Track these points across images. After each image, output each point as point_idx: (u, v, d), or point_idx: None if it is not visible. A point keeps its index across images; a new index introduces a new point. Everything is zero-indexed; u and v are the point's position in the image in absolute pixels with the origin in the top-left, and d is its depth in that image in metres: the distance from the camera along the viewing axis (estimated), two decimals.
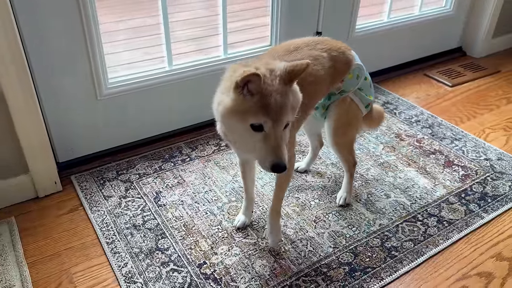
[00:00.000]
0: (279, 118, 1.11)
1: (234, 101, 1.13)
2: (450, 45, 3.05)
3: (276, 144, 1.13)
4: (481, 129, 2.26)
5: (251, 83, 1.10)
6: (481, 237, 1.62)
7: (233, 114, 1.14)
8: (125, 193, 1.76)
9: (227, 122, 1.19)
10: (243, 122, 1.13)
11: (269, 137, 1.13)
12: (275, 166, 1.14)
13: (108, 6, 3.66)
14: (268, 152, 1.14)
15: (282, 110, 1.12)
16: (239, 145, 1.30)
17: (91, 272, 1.45)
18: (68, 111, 1.79)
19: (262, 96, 1.11)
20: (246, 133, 1.15)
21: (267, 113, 1.10)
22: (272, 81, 1.13)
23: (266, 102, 1.10)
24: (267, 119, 1.11)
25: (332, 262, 1.49)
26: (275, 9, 2.14)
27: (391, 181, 1.86)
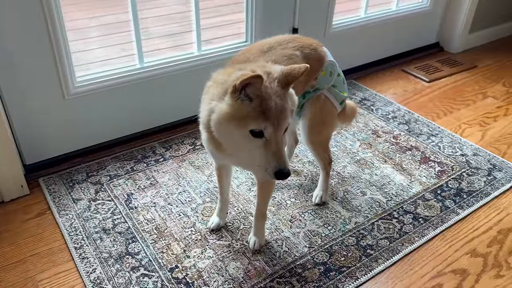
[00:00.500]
0: (280, 122, 1.08)
1: (232, 107, 1.08)
2: (428, 40, 3.06)
3: (277, 150, 1.09)
4: (458, 125, 2.26)
5: (250, 87, 1.05)
6: (456, 234, 1.61)
7: (230, 121, 1.08)
8: (95, 196, 1.71)
9: (224, 130, 1.12)
10: (242, 129, 1.08)
11: (270, 143, 1.09)
12: (278, 173, 1.10)
13: (79, 3, 3.57)
14: (270, 159, 1.10)
15: (282, 115, 1.09)
16: (235, 154, 1.21)
17: (58, 279, 1.40)
18: (34, 112, 1.72)
19: (262, 100, 1.07)
20: (244, 140, 1.10)
21: (267, 118, 1.07)
22: (270, 84, 1.09)
23: (266, 106, 1.06)
24: (268, 124, 1.07)
25: (307, 262, 1.47)
26: (249, 4, 2.10)
27: (367, 178, 1.85)
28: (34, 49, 1.61)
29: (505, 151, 2.06)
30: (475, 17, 2.98)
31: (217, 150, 1.24)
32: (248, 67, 1.16)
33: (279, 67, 1.15)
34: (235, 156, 1.23)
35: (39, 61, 1.64)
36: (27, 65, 1.62)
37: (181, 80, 2.02)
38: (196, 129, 2.04)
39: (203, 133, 1.25)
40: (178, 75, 2.00)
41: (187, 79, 2.02)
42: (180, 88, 2.03)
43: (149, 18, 3.24)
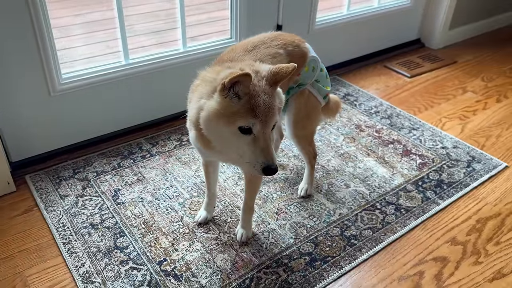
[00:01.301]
0: (268, 119, 1.11)
1: (220, 104, 1.10)
2: (409, 37, 3.12)
3: (265, 146, 1.12)
4: (438, 119, 2.33)
5: (239, 85, 1.08)
6: (437, 223, 1.67)
7: (219, 118, 1.11)
8: (82, 192, 1.72)
9: (213, 127, 1.14)
10: (231, 126, 1.11)
11: (258, 140, 1.11)
12: (266, 169, 1.12)
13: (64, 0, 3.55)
14: (258, 155, 1.13)
15: (270, 112, 1.12)
16: (224, 151, 1.23)
17: (47, 274, 1.41)
18: (19, 109, 1.72)
19: (250, 98, 1.09)
20: (233, 137, 1.12)
21: (256, 115, 1.09)
22: (258, 83, 1.12)
23: (255, 103, 1.09)
24: (256, 121, 1.09)
25: (293, 253, 1.50)
26: (234, 2, 2.12)
27: (351, 171, 1.89)
28: (20, 46, 1.61)
29: (483, 144, 2.13)
30: (455, 14, 3.05)
31: (205, 147, 1.26)
32: (237, 66, 1.19)
33: (267, 66, 1.19)
34: (224, 153, 1.25)
35: (25, 59, 1.64)
36: (12, 62, 1.62)
37: (167, 77, 2.03)
38: (182, 125, 2.06)
39: (191, 130, 1.27)
40: (164, 72, 2.02)
41: (173, 75, 2.04)
42: (165, 85, 2.05)
43: (134, 16, 3.25)
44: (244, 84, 1.08)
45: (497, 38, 3.34)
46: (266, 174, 1.14)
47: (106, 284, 1.37)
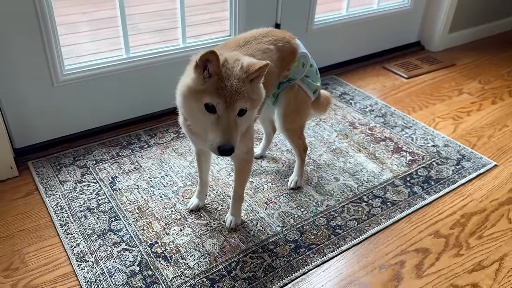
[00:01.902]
0: (232, 101, 1.15)
1: (193, 81, 1.19)
2: (409, 39, 3.17)
3: (226, 127, 1.16)
4: (432, 118, 2.37)
5: (210, 64, 1.15)
6: (422, 217, 1.71)
7: (190, 93, 1.19)
8: (81, 178, 1.80)
9: (186, 103, 1.22)
10: (198, 102, 1.18)
11: (221, 120, 1.17)
12: (221, 148, 1.17)
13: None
14: (217, 134, 1.17)
15: (237, 95, 1.16)
16: (195, 129, 1.31)
17: (43, 252, 1.49)
18: (24, 98, 1.80)
19: (219, 78, 1.16)
20: (200, 113, 1.19)
21: (221, 95, 1.15)
22: (233, 68, 1.18)
23: (222, 84, 1.15)
24: (220, 100, 1.15)
25: (279, 240, 1.56)
26: (233, 2, 2.19)
27: (341, 166, 1.95)
28: (25, 37, 1.70)
29: (475, 143, 2.17)
30: (455, 17, 3.10)
31: (189, 131, 1.34)
32: (225, 54, 1.25)
33: (250, 59, 1.25)
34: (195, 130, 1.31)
35: (30, 49, 1.73)
36: (18, 53, 1.71)
37: (167, 71, 2.11)
38: None
39: (180, 114, 1.35)
40: (164, 66, 2.09)
41: (172, 70, 2.09)
42: (165, 79, 2.12)
43: (138, 14, 3.34)
44: (213, 63, 1.14)
45: (497, 42, 3.37)
46: (221, 153, 1.17)
47: (98, 263, 1.44)
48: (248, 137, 1.40)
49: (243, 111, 1.20)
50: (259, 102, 1.26)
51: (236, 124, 1.19)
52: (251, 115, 1.26)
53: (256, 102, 1.24)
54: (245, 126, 1.27)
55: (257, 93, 1.24)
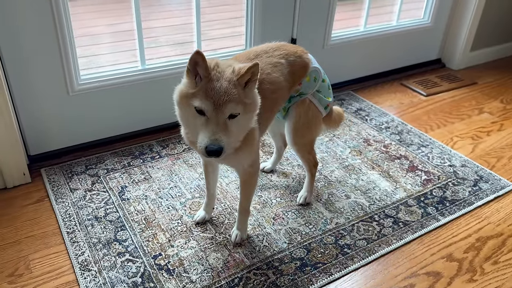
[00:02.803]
0: (221, 102, 1.15)
1: (185, 86, 1.20)
2: (429, 56, 3.12)
3: (214, 128, 1.15)
4: (450, 137, 2.31)
5: (199, 67, 1.16)
6: (435, 239, 1.65)
7: (182, 98, 1.20)
8: (91, 187, 1.81)
9: (179, 108, 1.24)
10: (189, 106, 1.19)
11: (210, 121, 1.16)
12: (208, 148, 1.15)
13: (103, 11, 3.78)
14: (205, 135, 1.16)
15: (226, 97, 1.15)
16: (191, 136, 1.31)
17: (49, 259, 1.49)
18: (40, 106, 1.84)
19: (209, 80, 1.17)
20: (192, 117, 1.20)
21: (209, 96, 1.15)
22: (223, 71, 1.18)
23: (211, 86, 1.16)
24: (209, 102, 1.15)
25: (284, 257, 1.53)
26: (249, 18, 2.20)
27: (353, 183, 1.91)
28: (44, 47, 1.74)
29: (494, 164, 2.10)
30: (477, 35, 3.03)
31: (190, 142, 1.35)
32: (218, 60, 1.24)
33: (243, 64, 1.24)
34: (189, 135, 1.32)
35: (47, 58, 1.77)
36: (36, 62, 1.75)
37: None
38: None
39: (181, 125, 1.35)
40: (178, 78, 2.06)
41: None
42: None
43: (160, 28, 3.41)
44: (201, 65, 1.15)
45: None
46: (209, 154, 1.15)
47: (101, 272, 1.44)
48: (252, 150, 1.39)
49: (234, 114, 1.18)
50: (254, 108, 1.24)
51: (227, 126, 1.17)
52: (245, 121, 1.23)
53: (250, 107, 1.22)
54: (239, 131, 1.24)
55: (251, 98, 1.22)
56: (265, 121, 1.49)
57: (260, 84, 1.41)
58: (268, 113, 1.49)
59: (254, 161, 1.43)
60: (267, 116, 1.49)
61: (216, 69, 1.19)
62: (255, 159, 1.44)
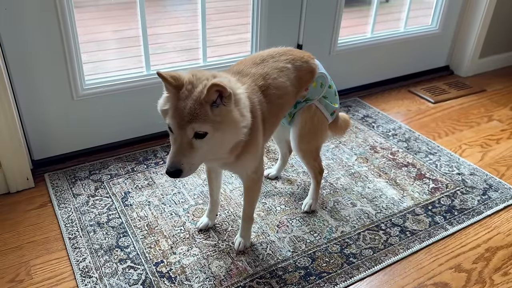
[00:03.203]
0: (184, 123, 1.12)
1: (162, 100, 1.20)
2: (437, 63, 3.08)
3: (176, 149, 1.14)
4: (458, 145, 2.27)
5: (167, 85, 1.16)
6: (443, 249, 1.61)
7: (161, 111, 1.20)
8: (94, 192, 1.79)
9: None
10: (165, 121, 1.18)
11: (176, 141, 1.15)
12: (167, 171, 1.15)
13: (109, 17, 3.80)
14: (168, 156, 1.16)
15: (189, 116, 1.11)
16: None
17: (50, 265, 1.48)
18: (44, 110, 1.84)
19: (175, 99, 1.15)
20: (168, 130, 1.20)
21: (174, 116, 1.13)
22: (194, 88, 1.14)
23: (177, 105, 1.13)
24: (173, 121, 1.13)
25: (288, 266, 1.50)
26: (255, 23, 2.19)
27: (359, 191, 1.88)
28: (49, 52, 1.74)
29: (503, 173, 2.05)
30: (486, 42, 3.00)
31: None
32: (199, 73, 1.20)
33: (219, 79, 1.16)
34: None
35: (52, 63, 1.77)
36: (41, 66, 1.75)
37: None
38: None
39: None
40: None
41: None
42: None
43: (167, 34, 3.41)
44: (165, 84, 1.15)
45: None
46: (168, 175, 1.15)
47: (102, 280, 1.41)
48: (254, 156, 1.36)
49: (201, 134, 1.13)
50: (229, 126, 1.16)
51: (193, 146, 1.14)
52: (219, 139, 1.17)
53: (223, 125, 1.15)
54: (211, 150, 1.18)
55: (224, 116, 1.15)
56: (270, 127, 1.47)
57: (266, 89, 1.40)
58: (274, 118, 1.47)
59: (257, 167, 1.41)
60: (273, 121, 1.47)
61: (187, 86, 1.14)
62: (259, 165, 1.42)
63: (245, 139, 1.26)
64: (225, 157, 1.29)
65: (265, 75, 1.42)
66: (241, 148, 1.29)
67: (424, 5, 2.97)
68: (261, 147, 1.42)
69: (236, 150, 1.29)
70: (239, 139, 1.22)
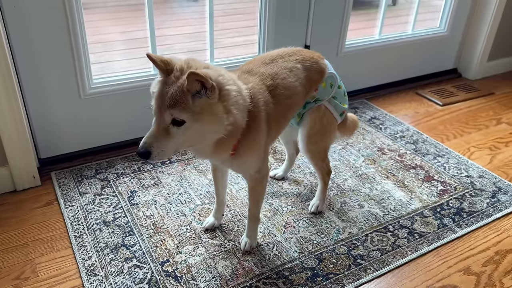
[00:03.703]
0: (161, 107, 1.12)
1: (154, 83, 1.20)
2: (445, 66, 3.06)
3: (151, 132, 1.14)
4: (467, 148, 2.25)
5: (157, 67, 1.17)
6: (451, 251, 1.59)
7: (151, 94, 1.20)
8: (100, 191, 1.79)
9: None
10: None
11: (154, 124, 1.16)
12: (137, 150, 1.15)
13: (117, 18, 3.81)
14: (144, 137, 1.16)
15: (167, 101, 1.11)
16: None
17: (55, 263, 1.47)
18: (52, 109, 1.84)
19: (163, 83, 1.15)
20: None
21: (156, 99, 1.14)
22: (180, 76, 1.14)
23: (162, 88, 1.14)
24: (155, 104, 1.15)
25: (295, 267, 1.49)
26: (262, 24, 2.19)
27: (367, 192, 1.86)
28: (56, 51, 1.74)
29: None
30: (494, 45, 2.98)
31: None
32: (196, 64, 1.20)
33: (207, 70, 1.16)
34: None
35: (60, 61, 1.77)
36: (48, 65, 1.75)
37: None
38: None
39: None
40: None
41: None
42: None
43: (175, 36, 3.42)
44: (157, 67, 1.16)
45: None
46: (137, 154, 1.15)
47: (108, 278, 1.41)
48: (256, 156, 1.35)
49: (178, 121, 1.13)
50: (209, 119, 1.14)
51: (169, 133, 1.14)
52: (198, 130, 1.15)
53: (203, 117, 1.13)
54: (189, 140, 1.17)
55: (204, 108, 1.13)
56: (277, 127, 1.46)
57: (274, 89, 1.38)
58: (282, 119, 1.45)
59: (259, 167, 1.39)
60: (280, 122, 1.46)
61: (175, 72, 1.14)
62: (261, 165, 1.39)
63: (242, 138, 1.25)
64: (207, 151, 1.25)
65: (274, 74, 1.41)
66: (238, 147, 1.28)
67: (432, 8, 2.96)
68: (264, 148, 1.39)
69: (227, 148, 1.26)
70: (220, 135, 1.19)
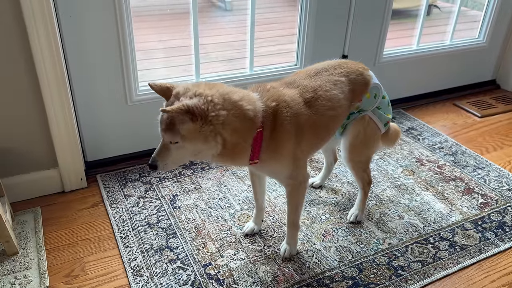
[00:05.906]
0: (161, 130, 1.25)
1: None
2: (483, 77, 3.02)
3: (157, 148, 1.28)
4: (507, 160, 2.21)
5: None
6: (494, 265, 1.57)
7: None
8: (144, 194, 1.85)
9: None
10: None
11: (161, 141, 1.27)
12: (148, 163, 1.29)
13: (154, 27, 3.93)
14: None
15: (164, 126, 1.23)
16: None
17: (103, 262, 1.53)
18: (100, 114, 1.92)
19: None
20: None
21: (160, 121, 1.25)
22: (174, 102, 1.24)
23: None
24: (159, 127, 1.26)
25: (335, 275, 1.50)
26: (301, 33, 2.22)
27: (406, 203, 1.85)
28: (107, 59, 1.82)
29: None
30: None
31: None
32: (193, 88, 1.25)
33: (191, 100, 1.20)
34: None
35: (110, 69, 1.84)
36: (99, 72, 1.83)
37: None
38: None
39: None
40: None
41: None
42: None
43: (211, 44, 3.50)
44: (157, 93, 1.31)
45: None
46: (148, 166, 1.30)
47: (153, 279, 1.45)
48: (282, 164, 1.37)
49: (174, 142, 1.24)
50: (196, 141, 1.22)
51: (168, 149, 1.25)
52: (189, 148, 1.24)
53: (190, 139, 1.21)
54: (184, 156, 1.28)
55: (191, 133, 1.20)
56: (315, 137, 1.44)
57: (315, 101, 1.40)
58: (321, 129, 1.46)
59: (291, 174, 1.40)
60: (319, 132, 1.45)
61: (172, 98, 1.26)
62: (293, 173, 1.40)
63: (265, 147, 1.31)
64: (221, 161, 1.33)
65: (317, 87, 1.42)
66: (261, 155, 1.32)
67: (468, 18, 2.93)
68: (298, 156, 1.39)
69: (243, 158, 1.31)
70: (214, 152, 1.27)
